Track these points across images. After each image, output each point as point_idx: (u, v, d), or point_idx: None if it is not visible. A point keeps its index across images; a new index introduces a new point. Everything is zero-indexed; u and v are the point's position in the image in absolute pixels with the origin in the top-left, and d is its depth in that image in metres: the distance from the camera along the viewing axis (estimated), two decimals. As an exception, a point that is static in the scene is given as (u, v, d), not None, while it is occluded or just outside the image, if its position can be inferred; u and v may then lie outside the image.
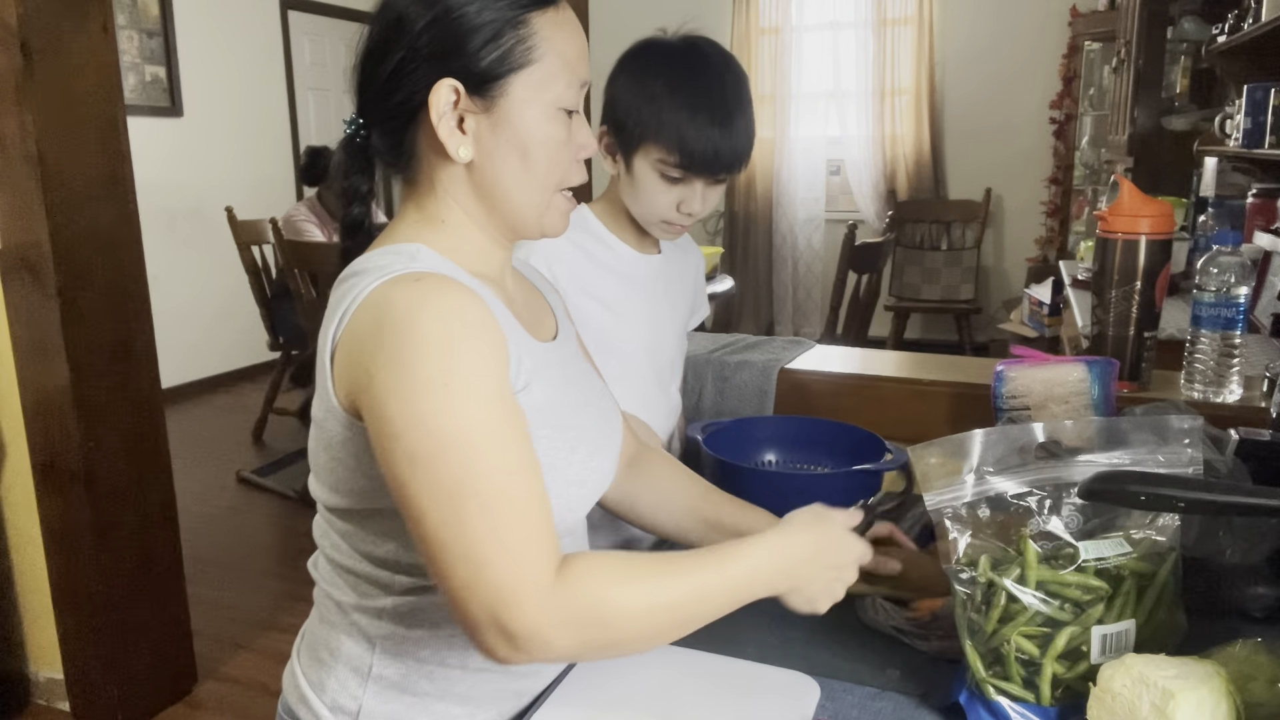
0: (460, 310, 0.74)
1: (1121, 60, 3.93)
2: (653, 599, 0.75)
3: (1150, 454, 0.82)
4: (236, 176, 5.33)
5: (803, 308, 6.27)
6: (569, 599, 0.72)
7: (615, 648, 0.76)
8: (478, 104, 0.80)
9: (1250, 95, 2.47)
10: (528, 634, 0.70)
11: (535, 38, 0.80)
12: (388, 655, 0.85)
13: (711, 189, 1.20)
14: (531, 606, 0.70)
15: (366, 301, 0.75)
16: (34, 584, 2.26)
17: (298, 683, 0.90)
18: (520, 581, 0.70)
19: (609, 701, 0.87)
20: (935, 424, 1.47)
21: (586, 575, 0.73)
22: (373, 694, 0.85)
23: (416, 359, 0.71)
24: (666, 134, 1.13)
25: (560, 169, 0.85)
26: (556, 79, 0.82)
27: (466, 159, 0.82)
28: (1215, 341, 1.34)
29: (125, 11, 4.74)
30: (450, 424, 0.70)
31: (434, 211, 0.85)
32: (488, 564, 0.70)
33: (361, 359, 0.74)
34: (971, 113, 5.68)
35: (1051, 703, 0.79)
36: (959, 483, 0.83)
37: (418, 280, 0.75)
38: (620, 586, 0.74)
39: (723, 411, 1.61)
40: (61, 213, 2.02)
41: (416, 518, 0.71)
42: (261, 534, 3.50)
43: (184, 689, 2.41)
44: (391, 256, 0.80)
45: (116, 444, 2.18)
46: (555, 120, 0.83)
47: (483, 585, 0.70)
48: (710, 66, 1.17)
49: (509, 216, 0.86)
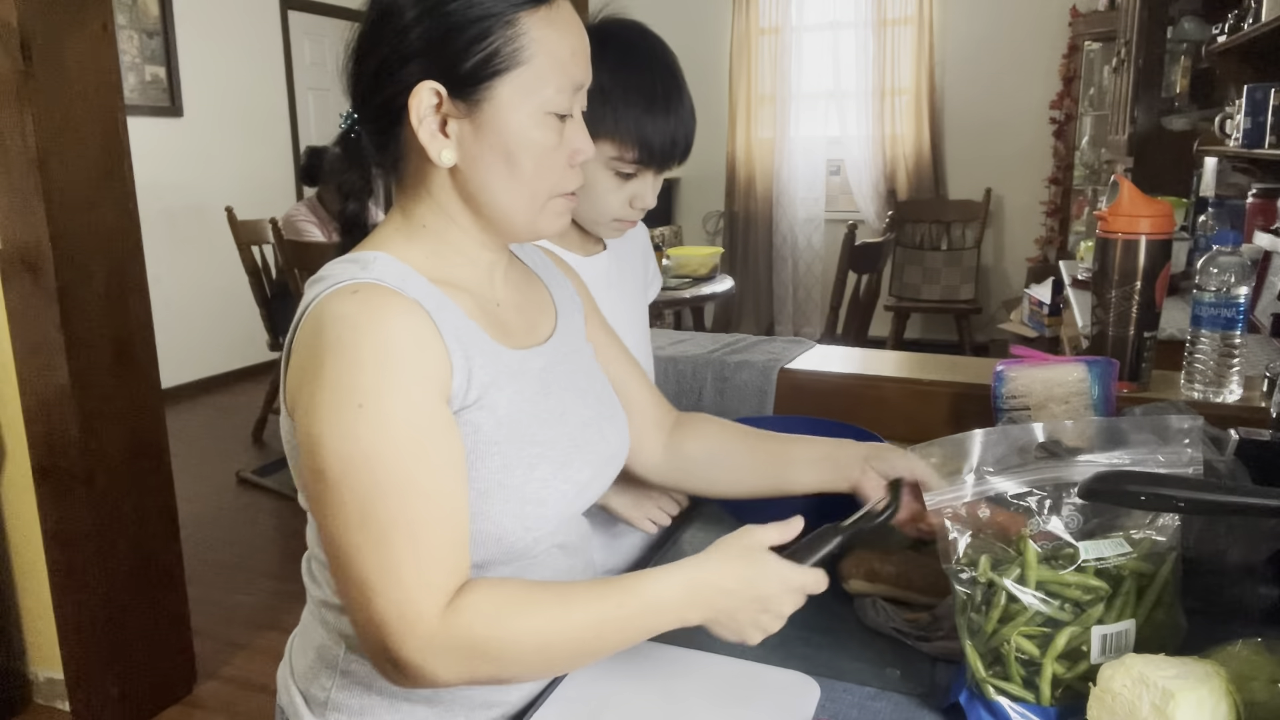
0: (389, 327, 0.73)
1: (1121, 60, 3.93)
2: (543, 632, 0.75)
3: (1150, 454, 0.82)
4: (236, 176, 5.33)
5: (803, 308, 6.27)
6: (454, 631, 0.72)
7: (504, 678, 0.77)
8: (460, 108, 0.77)
9: (1250, 95, 2.47)
10: (412, 665, 0.72)
11: (524, 38, 0.77)
12: (354, 651, 0.85)
13: (658, 179, 1.15)
14: (415, 639, 0.71)
15: (313, 311, 0.76)
16: (34, 584, 2.27)
17: (283, 670, 0.94)
18: (404, 615, 0.71)
19: (609, 702, 0.87)
20: (935, 424, 1.47)
21: (476, 607, 0.73)
22: (340, 687, 0.86)
23: (337, 376, 0.72)
24: (623, 130, 1.07)
25: (551, 175, 0.82)
26: (546, 82, 0.78)
27: (449, 163, 0.79)
28: (1215, 341, 1.34)
29: (125, 11, 4.74)
30: (357, 448, 0.71)
31: (416, 215, 0.83)
32: (377, 594, 0.71)
33: (299, 368, 0.76)
34: (971, 113, 5.68)
35: (1051, 703, 0.79)
36: (959, 483, 0.83)
37: (354, 293, 0.75)
38: (510, 619, 0.74)
39: (723, 411, 1.61)
40: (61, 213, 2.02)
41: (323, 533, 0.74)
42: (261, 534, 3.50)
43: (184, 689, 2.41)
44: (346, 265, 0.80)
45: (116, 444, 2.18)
46: (543, 125, 0.79)
47: (373, 613, 0.71)
48: (649, 53, 1.11)
49: (496, 221, 0.83)
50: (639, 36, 1.12)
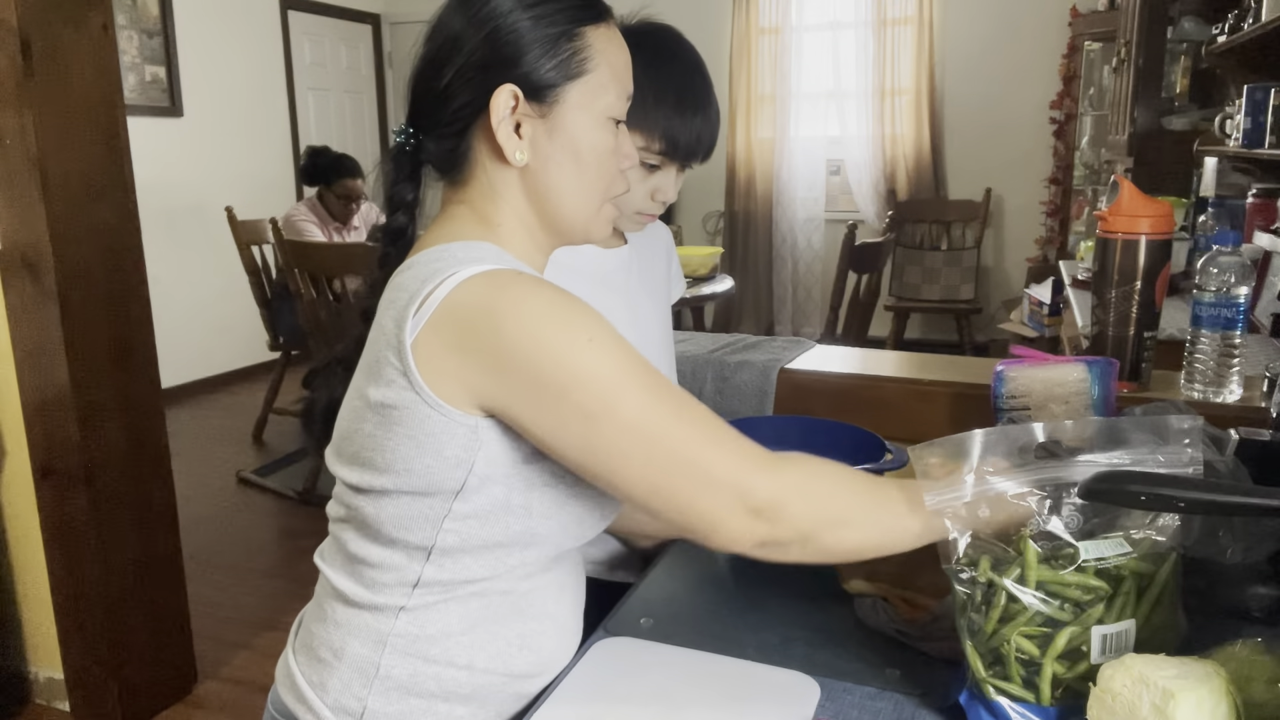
0: (564, 292, 0.78)
1: (1121, 60, 3.93)
2: (862, 486, 0.84)
3: (1150, 454, 0.82)
4: (236, 176, 5.34)
5: (803, 308, 6.27)
6: (790, 467, 0.80)
7: (842, 526, 0.82)
8: (535, 109, 0.84)
9: (1250, 95, 2.47)
10: (775, 500, 0.78)
11: (589, 49, 0.85)
12: (397, 654, 0.85)
13: (681, 175, 1.20)
14: (767, 478, 0.78)
15: (465, 290, 0.77)
16: (34, 584, 2.27)
17: (295, 682, 0.89)
18: (749, 463, 0.78)
19: (609, 701, 0.87)
20: (935, 424, 1.47)
21: (802, 458, 0.82)
22: (378, 694, 0.85)
23: (551, 331, 0.75)
24: (651, 123, 1.13)
25: (608, 177, 0.89)
26: (608, 89, 0.87)
27: (522, 162, 0.85)
28: (1215, 341, 1.34)
29: (125, 11, 4.75)
30: (609, 371, 0.76)
31: (488, 214, 0.88)
32: (713, 462, 0.77)
33: (480, 348, 0.76)
34: (971, 113, 5.68)
35: (1051, 703, 0.79)
36: (959, 483, 0.83)
37: (519, 275, 0.79)
38: (822, 464, 0.83)
39: (723, 411, 1.60)
40: (61, 213, 2.02)
41: (617, 465, 0.77)
42: (261, 534, 3.50)
43: (184, 689, 2.41)
44: (479, 251, 0.83)
45: (116, 444, 2.18)
46: (606, 129, 0.87)
47: (717, 480, 0.77)
48: (681, 53, 1.17)
49: (559, 221, 0.89)
50: (673, 39, 1.19)
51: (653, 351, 1.33)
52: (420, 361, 0.77)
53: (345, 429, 0.85)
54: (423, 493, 0.81)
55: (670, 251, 1.43)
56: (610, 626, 1.01)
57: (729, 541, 0.79)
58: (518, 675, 0.88)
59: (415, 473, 0.80)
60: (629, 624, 1.01)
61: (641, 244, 1.33)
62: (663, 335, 1.36)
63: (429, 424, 0.78)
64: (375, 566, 0.85)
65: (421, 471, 0.80)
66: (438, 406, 0.78)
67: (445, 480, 0.80)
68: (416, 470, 0.80)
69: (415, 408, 0.78)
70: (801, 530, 0.79)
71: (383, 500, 0.83)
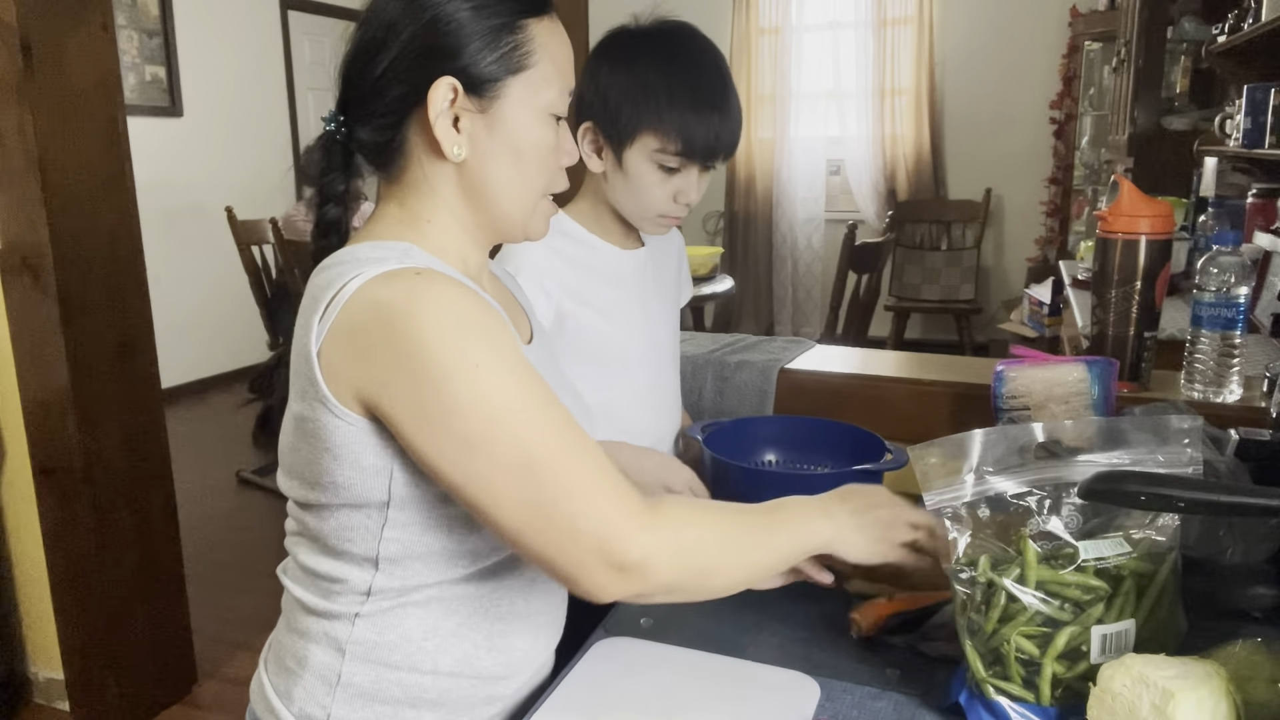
0: (465, 299, 0.75)
1: (1121, 60, 3.93)
2: (729, 524, 0.82)
3: (1150, 454, 0.82)
4: (236, 176, 5.33)
5: (803, 308, 6.27)
6: (666, 522, 0.77)
7: (708, 574, 0.81)
8: (474, 104, 0.81)
9: (1250, 95, 2.47)
10: (637, 561, 0.74)
11: (532, 43, 0.82)
12: (358, 661, 0.83)
13: (704, 176, 1.19)
14: (636, 535, 0.75)
15: (360, 295, 0.74)
16: (34, 584, 2.27)
17: (265, 693, 0.88)
18: (621, 517, 0.75)
19: (609, 702, 0.87)
20: (935, 424, 1.47)
21: (675, 505, 0.80)
22: (341, 702, 0.84)
23: (439, 348, 0.72)
24: (666, 123, 1.12)
25: (548, 173, 0.87)
26: (550, 84, 0.84)
27: (460, 158, 0.82)
28: (1215, 341, 1.34)
29: (125, 11, 4.74)
30: (495, 402, 0.72)
31: (419, 210, 0.85)
32: (583, 512, 0.74)
33: (370, 354, 0.73)
34: (971, 113, 5.68)
35: (1051, 703, 0.79)
36: (959, 483, 0.83)
37: (417, 275, 0.75)
38: (705, 514, 0.82)
39: (723, 411, 1.61)
40: (61, 213, 2.02)
41: (489, 499, 0.74)
42: (261, 534, 3.50)
43: (184, 689, 2.41)
44: (383, 250, 0.79)
45: (116, 444, 2.18)
46: (546, 125, 0.85)
47: (585, 530, 0.73)
48: (698, 51, 1.15)
49: (496, 218, 0.86)
50: (687, 36, 1.17)
51: (661, 353, 1.33)
52: (325, 370, 0.75)
53: (282, 443, 0.84)
54: (354, 505, 0.80)
55: (681, 255, 1.44)
56: (610, 626, 1.01)
57: (591, 591, 0.76)
58: (488, 677, 0.87)
59: (341, 486, 0.79)
60: (629, 624, 1.01)
61: (656, 246, 1.33)
62: (671, 337, 1.37)
63: (339, 435, 0.76)
64: (327, 578, 0.84)
65: (345, 484, 0.78)
66: (344, 416, 0.75)
67: (370, 491, 0.78)
68: (341, 483, 0.78)
69: (325, 419, 0.76)
70: (666, 584, 0.77)
71: (324, 514, 0.82)
